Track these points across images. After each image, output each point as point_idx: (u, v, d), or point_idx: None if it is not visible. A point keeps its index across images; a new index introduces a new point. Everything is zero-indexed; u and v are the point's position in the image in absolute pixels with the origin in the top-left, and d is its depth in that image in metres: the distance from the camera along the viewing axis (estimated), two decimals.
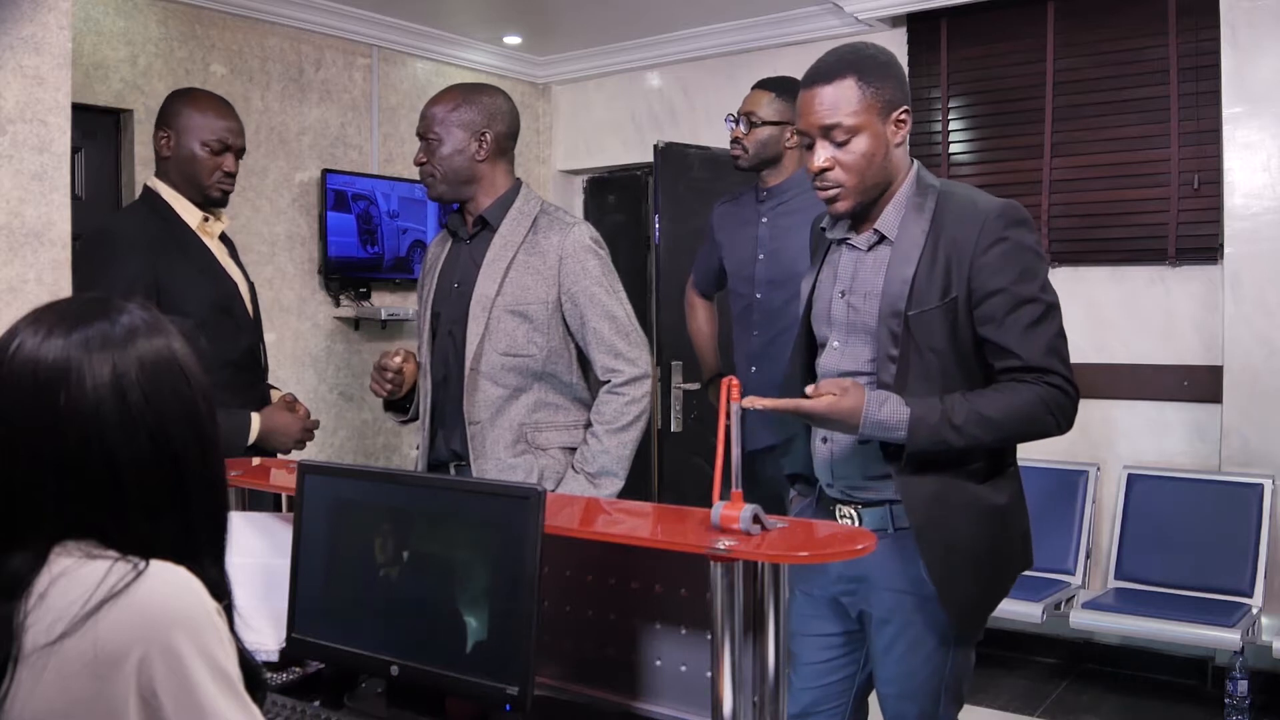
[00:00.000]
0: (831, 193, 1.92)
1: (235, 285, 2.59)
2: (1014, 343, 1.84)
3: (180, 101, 2.58)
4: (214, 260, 2.56)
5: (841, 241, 2.01)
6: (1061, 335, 1.88)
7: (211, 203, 2.56)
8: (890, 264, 1.91)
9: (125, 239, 2.45)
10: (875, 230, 1.95)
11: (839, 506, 1.99)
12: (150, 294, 2.35)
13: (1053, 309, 1.87)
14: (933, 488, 1.87)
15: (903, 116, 1.91)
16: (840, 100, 1.87)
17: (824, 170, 1.90)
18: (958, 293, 1.86)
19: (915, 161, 1.98)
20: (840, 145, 1.88)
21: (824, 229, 2.05)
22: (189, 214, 2.53)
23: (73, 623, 0.95)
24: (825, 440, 2.00)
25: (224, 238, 2.65)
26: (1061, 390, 1.85)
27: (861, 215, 1.97)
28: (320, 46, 4.72)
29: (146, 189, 2.57)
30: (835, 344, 1.99)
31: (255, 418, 2.52)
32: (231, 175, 2.56)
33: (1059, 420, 1.86)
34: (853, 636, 2.05)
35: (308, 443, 2.62)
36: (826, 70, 1.90)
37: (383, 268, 4.91)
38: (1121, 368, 4.19)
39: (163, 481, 1.04)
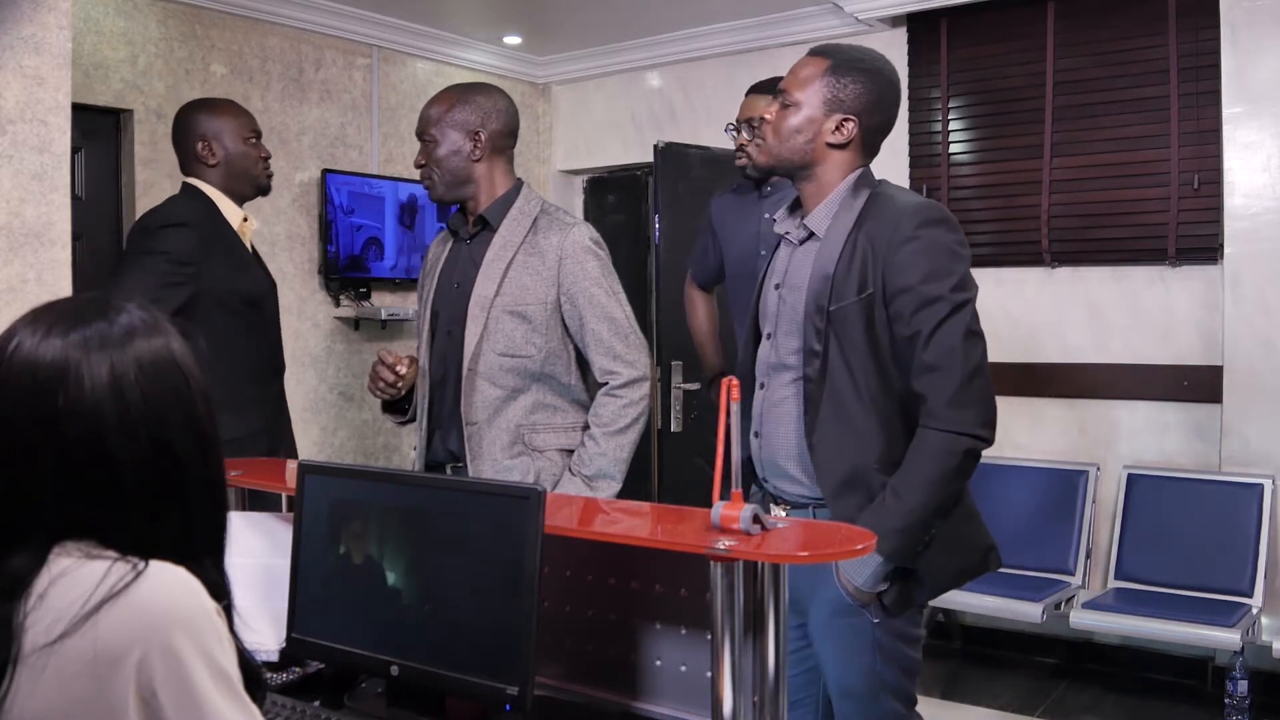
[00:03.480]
0: (755, 145, 2.05)
1: (268, 285, 2.75)
2: (919, 342, 1.85)
3: (202, 111, 2.76)
4: (249, 258, 2.73)
5: (783, 236, 2.07)
6: (971, 334, 1.85)
7: (260, 191, 2.78)
8: (816, 259, 1.96)
9: (182, 216, 2.65)
10: (804, 225, 2.00)
11: (773, 505, 2.02)
12: (194, 274, 2.54)
13: (960, 308, 1.85)
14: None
15: (845, 123, 1.96)
16: (802, 71, 2.00)
17: (763, 120, 2.02)
18: (874, 289, 1.88)
19: (864, 168, 2.01)
20: (784, 108, 1.99)
21: (774, 221, 2.10)
22: (231, 213, 2.72)
23: (72, 623, 0.95)
24: (756, 435, 2.03)
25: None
26: (950, 404, 1.81)
27: (800, 209, 2.04)
28: (320, 46, 4.71)
29: (188, 185, 2.72)
30: (770, 335, 2.04)
31: None
32: (269, 160, 2.79)
33: (974, 431, 1.82)
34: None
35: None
36: (819, 48, 2.04)
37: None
38: (1121, 368, 4.19)
39: (162, 481, 1.04)
